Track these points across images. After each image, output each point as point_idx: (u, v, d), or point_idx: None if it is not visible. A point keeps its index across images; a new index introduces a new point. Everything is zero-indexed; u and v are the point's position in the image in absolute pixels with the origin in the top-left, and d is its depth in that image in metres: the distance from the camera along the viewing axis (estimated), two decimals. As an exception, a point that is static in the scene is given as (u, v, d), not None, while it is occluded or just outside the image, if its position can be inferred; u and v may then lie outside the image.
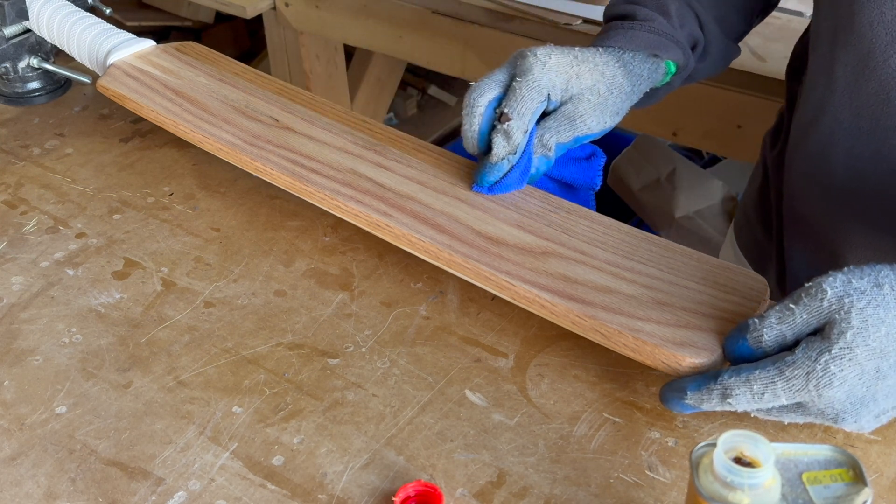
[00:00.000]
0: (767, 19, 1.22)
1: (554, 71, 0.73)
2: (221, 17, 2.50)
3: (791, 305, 0.58)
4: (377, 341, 0.71)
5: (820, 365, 0.55)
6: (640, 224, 1.85)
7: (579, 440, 0.63)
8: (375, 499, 0.60)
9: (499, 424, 0.65)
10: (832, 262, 0.81)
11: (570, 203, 0.75)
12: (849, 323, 0.55)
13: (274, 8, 1.79)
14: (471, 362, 0.69)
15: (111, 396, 0.67)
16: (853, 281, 0.56)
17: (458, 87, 2.56)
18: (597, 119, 0.75)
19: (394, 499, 0.58)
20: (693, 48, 0.82)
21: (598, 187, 0.79)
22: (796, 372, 0.56)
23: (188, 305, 0.74)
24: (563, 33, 1.43)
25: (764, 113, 1.27)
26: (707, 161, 2.05)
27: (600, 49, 0.77)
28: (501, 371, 0.69)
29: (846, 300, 0.56)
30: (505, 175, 0.74)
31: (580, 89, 0.74)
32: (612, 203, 1.89)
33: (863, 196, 0.77)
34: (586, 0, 1.44)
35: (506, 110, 0.72)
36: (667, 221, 1.78)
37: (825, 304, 0.56)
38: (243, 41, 2.58)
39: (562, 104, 0.75)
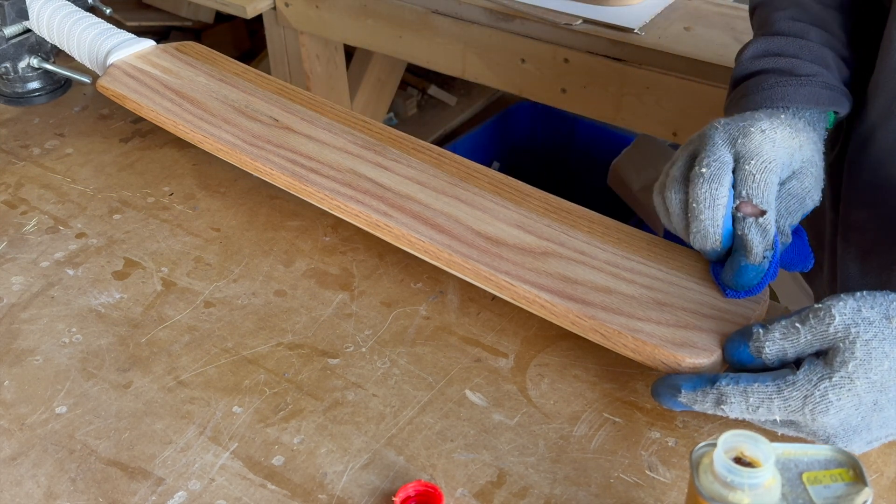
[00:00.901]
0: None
1: (782, 147, 0.66)
2: (221, 17, 2.50)
3: (797, 325, 0.57)
4: (377, 341, 0.71)
5: (819, 391, 0.55)
6: (640, 224, 1.85)
7: (579, 440, 0.63)
8: (375, 499, 0.60)
9: (499, 424, 0.65)
10: (885, 271, 0.80)
11: (570, 203, 0.75)
12: (852, 353, 0.55)
13: (274, 8, 1.79)
14: (471, 362, 0.69)
15: (111, 396, 0.67)
16: (863, 310, 0.56)
17: (458, 87, 2.56)
18: (818, 191, 0.69)
19: (394, 499, 0.58)
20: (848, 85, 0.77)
21: (810, 266, 0.70)
22: (794, 393, 0.56)
23: (188, 305, 0.75)
24: (562, 33, 1.43)
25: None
26: (707, 161, 2.05)
27: (790, 110, 0.71)
28: (501, 371, 0.69)
29: (853, 329, 0.55)
30: (766, 272, 0.65)
31: (801, 163, 0.68)
32: (612, 203, 1.89)
33: None
34: (587, 0, 1.44)
35: (756, 201, 0.64)
36: (667, 221, 1.78)
37: (831, 329, 0.56)
38: (243, 41, 2.58)
39: (784, 181, 0.68)
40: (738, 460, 0.50)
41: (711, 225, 0.64)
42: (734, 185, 0.65)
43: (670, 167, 0.69)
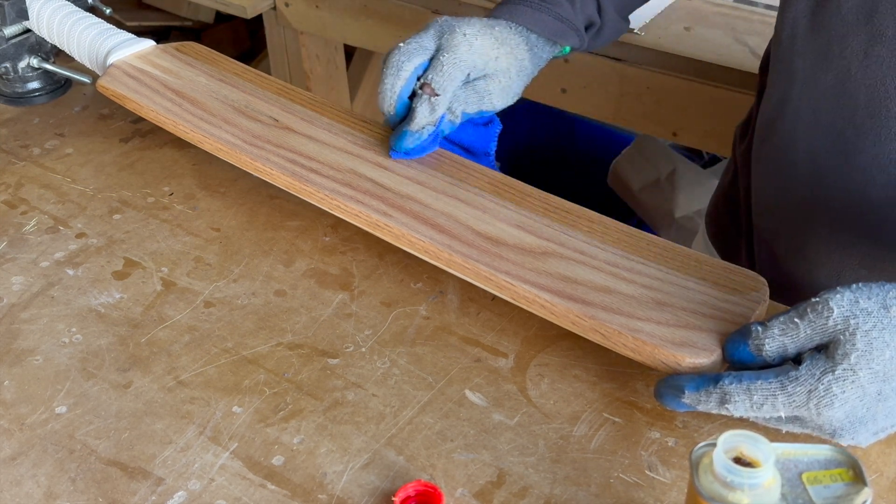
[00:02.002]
0: (766, 19, 1.23)
1: (478, 53, 0.78)
2: (221, 17, 2.50)
3: (796, 319, 0.57)
4: (377, 341, 0.71)
5: (823, 385, 0.55)
6: (640, 224, 1.85)
7: (579, 440, 0.63)
8: (375, 499, 0.60)
9: (499, 424, 0.65)
10: (798, 255, 0.83)
11: (570, 203, 0.75)
12: (853, 345, 0.55)
13: (274, 8, 1.79)
14: (471, 362, 0.69)
15: (111, 396, 0.67)
16: (860, 301, 0.56)
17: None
18: (502, 99, 0.81)
19: (394, 499, 0.58)
20: (588, 28, 0.86)
21: (492, 153, 0.85)
22: (798, 389, 0.56)
23: (188, 305, 0.75)
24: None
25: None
26: (707, 161, 2.05)
27: (512, 27, 0.81)
28: (501, 371, 0.69)
29: (852, 321, 0.55)
30: (423, 141, 0.78)
31: (495, 70, 0.80)
32: (612, 203, 1.89)
33: (824, 189, 0.78)
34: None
35: (433, 84, 0.76)
36: (667, 221, 1.78)
37: (830, 322, 0.56)
38: (243, 41, 2.58)
39: (475, 79, 0.80)
40: (738, 460, 0.50)
41: (390, 90, 0.78)
42: (427, 70, 0.78)
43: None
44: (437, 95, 0.76)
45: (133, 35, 0.92)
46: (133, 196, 0.86)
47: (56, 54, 0.95)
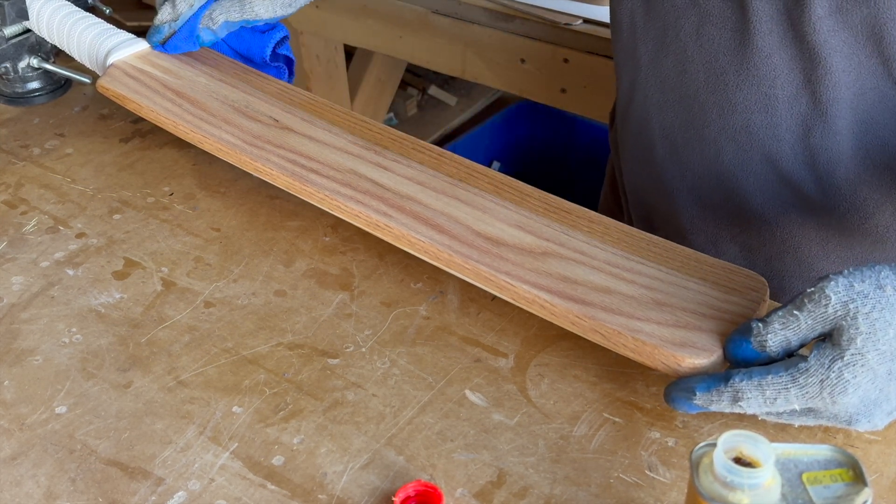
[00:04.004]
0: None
1: None
2: (221, 17, 2.50)
3: (795, 312, 0.57)
4: (377, 341, 0.71)
5: (834, 372, 0.56)
6: (640, 224, 1.85)
7: (579, 440, 0.63)
8: (375, 499, 0.60)
9: (499, 424, 0.65)
10: (668, 228, 0.88)
11: (570, 203, 0.75)
12: (857, 329, 0.55)
13: (274, 8, 1.78)
14: (471, 362, 0.69)
15: (111, 396, 0.67)
16: (855, 284, 0.56)
17: (458, 86, 2.56)
18: (266, 8, 0.84)
19: (394, 499, 0.58)
20: None
21: (268, 59, 0.88)
22: (810, 380, 0.56)
23: (188, 305, 0.75)
24: (563, 33, 1.43)
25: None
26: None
27: None
28: (501, 371, 0.69)
29: (851, 305, 0.56)
30: (171, 37, 0.86)
31: None
32: (612, 203, 1.88)
33: (682, 164, 0.83)
34: (587, 0, 1.44)
35: None
36: (667, 221, 1.78)
37: (830, 310, 0.56)
38: (243, 41, 2.58)
39: None
40: (738, 460, 0.50)
41: None
42: None
43: None
44: None
45: (133, 35, 0.92)
46: (133, 196, 0.86)
47: (56, 54, 0.95)
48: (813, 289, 0.57)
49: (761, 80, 0.75)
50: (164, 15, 0.86)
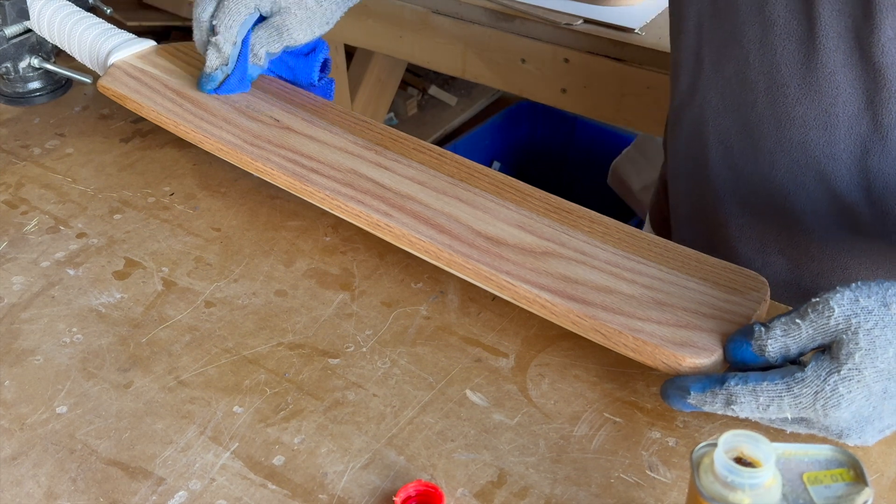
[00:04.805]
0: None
1: None
2: (222, 17, 2.50)
3: (797, 320, 0.57)
4: (378, 341, 0.71)
5: (829, 385, 0.55)
6: (640, 224, 1.85)
7: (580, 440, 0.63)
8: (376, 499, 0.60)
9: (499, 424, 0.65)
10: (714, 235, 0.86)
11: (571, 203, 0.75)
12: (857, 344, 0.55)
13: (274, 8, 1.78)
14: (471, 362, 0.69)
15: (112, 396, 0.67)
16: (861, 299, 0.56)
17: (459, 86, 2.56)
18: (303, 31, 0.83)
19: (394, 499, 0.58)
20: None
21: (315, 82, 0.86)
22: (805, 390, 0.56)
23: (189, 305, 0.75)
24: (563, 33, 1.43)
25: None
26: (707, 161, 2.05)
27: None
28: (502, 371, 0.69)
29: (854, 320, 0.56)
30: (223, 82, 0.83)
31: (288, 3, 0.81)
32: (612, 203, 1.89)
33: (735, 172, 0.81)
34: (587, 0, 1.44)
35: (215, 23, 0.80)
36: (667, 221, 1.78)
37: (832, 322, 0.56)
38: (243, 41, 2.58)
39: (272, 15, 0.82)
40: (739, 460, 0.50)
41: (199, 40, 0.83)
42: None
43: None
44: (217, 34, 0.80)
45: (134, 35, 0.92)
46: (133, 196, 0.86)
47: (57, 54, 0.95)
48: (818, 299, 0.57)
49: (822, 96, 0.73)
50: (212, 61, 0.82)
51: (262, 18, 0.83)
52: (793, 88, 0.74)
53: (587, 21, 1.42)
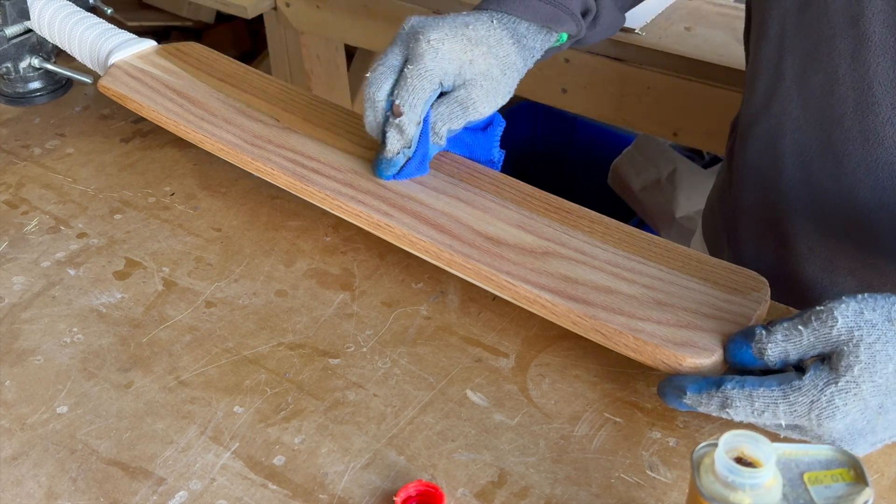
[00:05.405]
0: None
1: (447, 59, 0.72)
2: (222, 18, 2.50)
3: (800, 327, 0.57)
4: (378, 341, 0.71)
5: (825, 396, 0.55)
6: (640, 224, 1.85)
7: (580, 440, 0.63)
8: (376, 499, 0.60)
9: (500, 424, 0.65)
10: (780, 250, 0.83)
11: (571, 203, 0.75)
12: (857, 357, 0.55)
13: (275, 8, 1.79)
14: (472, 362, 0.69)
15: (112, 396, 0.67)
16: (865, 312, 0.56)
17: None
18: (489, 104, 0.75)
19: (395, 499, 0.58)
20: (584, 15, 0.81)
21: (496, 159, 0.79)
22: (801, 399, 0.56)
23: (189, 305, 0.75)
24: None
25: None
26: (707, 161, 2.05)
27: (494, 21, 0.75)
28: (502, 371, 0.69)
29: (856, 332, 0.55)
30: (403, 167, 0.75)
31: (473, 75, 0.74)
32: (612, 203, 1.89)
33: (812, 188, 0.78)
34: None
35: (397, 101, 0.72)
36: (667, 221, 1.78)
37: (834, 332, 0.56)
38: (244, 41, 2.58)
39: (454, 89, 0.74)
40: (739, 460, 0.50)
41: (374, 122, 0.75)
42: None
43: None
44: (402, 115, 0.72)
45: (134, 35, 0.92)
46: (134, 196, 0.86)
47: (57, 54, 0.95)
48: (822, 307, 0.57)
49: None
50: (393, 144, 0.73)
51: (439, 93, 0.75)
52: (885, 107, 0.71)
53: (587, 21, 1.41)
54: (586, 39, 0.83)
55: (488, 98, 0.74)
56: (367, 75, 0.74)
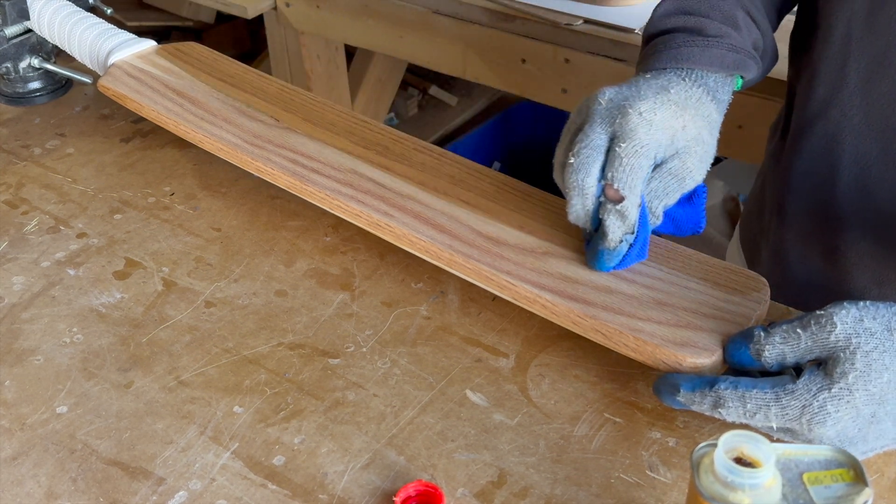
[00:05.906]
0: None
1: (660, 129, 0.65)
2: (222, 18, 2.50)
3: (798, 330, 0.57)
4: (378, 341, 0.71)
5: (817, 402, 0.55)
6: (640, 224, 1.85)
7: (580, 440, 0.63)
8: (376, 499, 0.60)
9: (500, 424, 0.65)
10: (828, 257, 0.81)
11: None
12: (853, 364, 0.54)
13: (275, 8, 1.79)
14: (472, 362, 0.69)
15: (112, 396, 0.67)
16: (865, 320, 0.55)
17: (459, 87, 2.56)
18: (702, 171, 0.68)
19: (394, 499, 0.58)
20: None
21: (702, 230, 0.71)
22: (793, 402, 0.56)
23: (189, 305, 0.75)
24: (563, 33, 1.43)
25: (765, 113, 1.27)
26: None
27: (686, 80, 0.69)
28: (502, 371, 0.69)
29: (854, 339, 0.55)
30: (626, 254, 0.67)
31: (686, 143, 0.66)
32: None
33: (869, 195, 0.76)
34: (587, 0, 1.44)
35: (616, 186, 0.64)
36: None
37: (832, 337, 0.55)
38: (244, 41, 2.58)
39: (665, 161, 0.67)
40: (739, 460, 0.50)
41: (582, 211, 0.66)
42: (605, 166, 0.65)
43: (559, 147, 0.69)
44: (623, 199, 0.64)
45: (134, 35, 0.92)
46: (134, 196, 0.86)
47: (57, 54, 0.95)
48: (823, 312, 0.57)
49: None
50: (615, 232, 0.65)
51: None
52: None
53: (587, 21, 1.42)
54: (759, 77, 0.78)
55: (702, 164, 0.68)
56: (570, 161, 0.65)
